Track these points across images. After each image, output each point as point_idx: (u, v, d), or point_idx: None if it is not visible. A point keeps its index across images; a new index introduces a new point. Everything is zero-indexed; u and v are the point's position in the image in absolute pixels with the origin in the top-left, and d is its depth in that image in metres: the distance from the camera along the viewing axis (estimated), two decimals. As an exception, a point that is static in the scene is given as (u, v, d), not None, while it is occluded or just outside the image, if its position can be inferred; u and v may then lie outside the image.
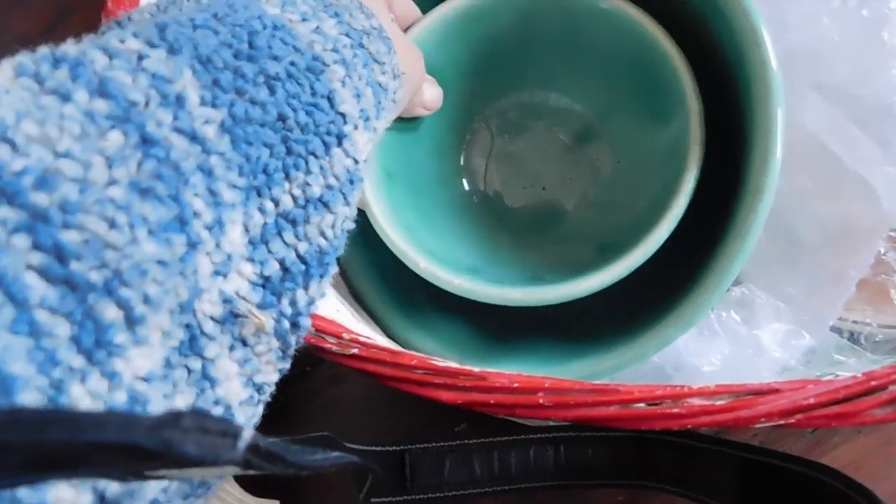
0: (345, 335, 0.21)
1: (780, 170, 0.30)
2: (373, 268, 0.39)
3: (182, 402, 0.18)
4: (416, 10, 0.37)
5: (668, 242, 0.34)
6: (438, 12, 0.37)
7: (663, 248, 0.34)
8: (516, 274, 0.40)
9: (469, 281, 0.33)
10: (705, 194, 0.36)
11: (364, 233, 0.40)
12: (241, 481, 0.42)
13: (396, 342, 0.37)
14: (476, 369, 0.19)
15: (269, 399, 0.22)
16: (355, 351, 0.21)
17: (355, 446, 0.41)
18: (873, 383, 0.18)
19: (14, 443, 0.12)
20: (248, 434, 0.13)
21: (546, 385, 0.18)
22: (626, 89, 0.38)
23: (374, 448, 0.41)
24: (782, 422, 0.18)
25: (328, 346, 0.21)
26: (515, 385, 0.19)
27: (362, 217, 0.40)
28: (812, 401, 0.18)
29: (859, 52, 0.33)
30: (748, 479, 0.31)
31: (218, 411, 0.19)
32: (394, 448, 0.40)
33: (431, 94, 0.37)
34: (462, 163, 0.43)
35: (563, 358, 0.34)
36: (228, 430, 0.13)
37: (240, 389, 0.20)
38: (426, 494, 0.39)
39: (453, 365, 0.20)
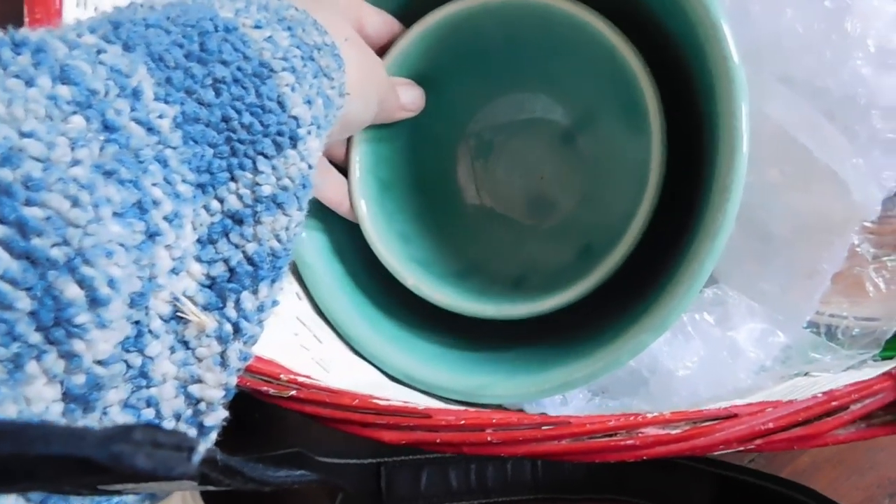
0: (282, 376, 0.20)
1: (747, 167, 0.29)
2: (339, 282, 0.38)
3: (115, 396, 0.18)
4: (394, 23, 0.37)
5: (637, 247, 0.33)
6: (422, 24, 0.37)
7: (633, 252, 0.33)
8: (503, 275, 0.40)
9: (449, 296, 0.35)
10: (676, 192, 0.35)
11: (329, 244, 0.39)
12: (213, 499, 0.41)
13: (365, 358, 0.36)
14: (421, 406, 0.18)
15: (218, 427, 0.21)
16: (293, 393, 0.20)
17: (329, 460, 0.40)
18: (834, 403, 0.17)
19: None
20: (202, 448, 0.13)
21: (494, 420, 0.17)
22: (605, 94, 0.39)
23: (348, 461, 0.40)
24: (741, 448, 0.17)
25: (265, 388, 0.20)
26: (462, 422, 0.18)
27: (327, 230, 0.39)
28: (771, 425, 0.17)
29: (823, 44, 0.33)
30: (724, 496, 0.31)
31: (149, 413, 0.19)
32: (369, 461, 0.40)
33: (409, 95, 0.37)
34: (458, 162, 0.43)
35: (536, 368, 0.34)
36: (182, 443, 0.13)
37: (172, 393, 0.20)
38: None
39: (396, 403, 0.19)
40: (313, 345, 0.32)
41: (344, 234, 0.39)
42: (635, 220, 0.33)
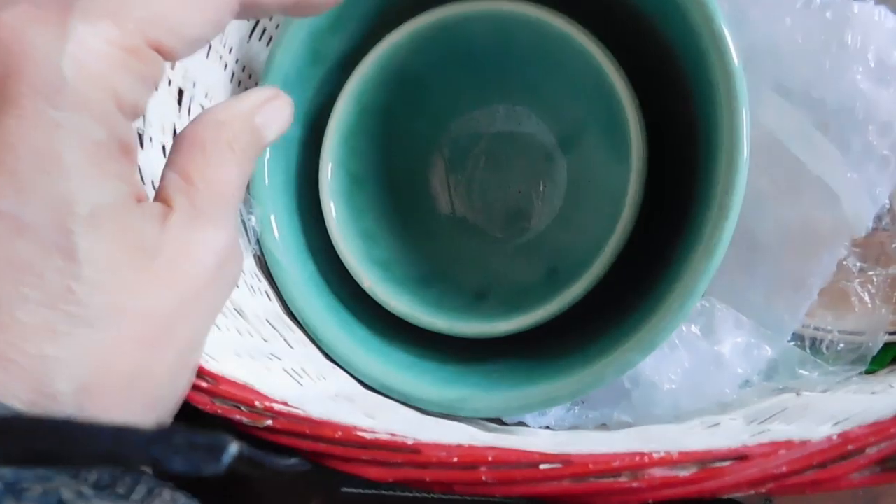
0: (258, 403, 0.19)
1: (745, 185, 0.28)
2: (313, 283, 0.37)
3: None
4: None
5: (625, 260, 0.32)
6: (417, 21, 0.35)
7: (620, 266, 0.32)
8: (466, 287, 0.39)
9: (404, 304, 0.35)
10: (663, 206, 0.34)
11: (302, 243, 0.37)
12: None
13: (340, 366, 0.34)
14: (409, 441, 0.17)
15: None
16: (269, 423, 0.18)
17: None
18: (850, 447, 0.16)
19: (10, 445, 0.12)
20: (234, 448, 0.14)
21: (489, 458, 0.16)
22: (591, 116, 0.38)
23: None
24: (752, 491, 0.16)
25: (238, 416, 0.18)
26: (454, 459, 0.16)
27: (301, 227, 0.37)
28: (784, 469, 0.16)
29: (822, 54, 0.32)
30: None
31: None
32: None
33: None
34: (435, 166, 0.42)
35: (519, 382, 0.33)
36: (216, 444, 0.13)
37: None
38: (401, 491, 0.37)
39: (383, 437, 0.17)
40: (284, 352, 0.31)
41: (318, 233, 0.37)
42: (603, 253, 0.32)
